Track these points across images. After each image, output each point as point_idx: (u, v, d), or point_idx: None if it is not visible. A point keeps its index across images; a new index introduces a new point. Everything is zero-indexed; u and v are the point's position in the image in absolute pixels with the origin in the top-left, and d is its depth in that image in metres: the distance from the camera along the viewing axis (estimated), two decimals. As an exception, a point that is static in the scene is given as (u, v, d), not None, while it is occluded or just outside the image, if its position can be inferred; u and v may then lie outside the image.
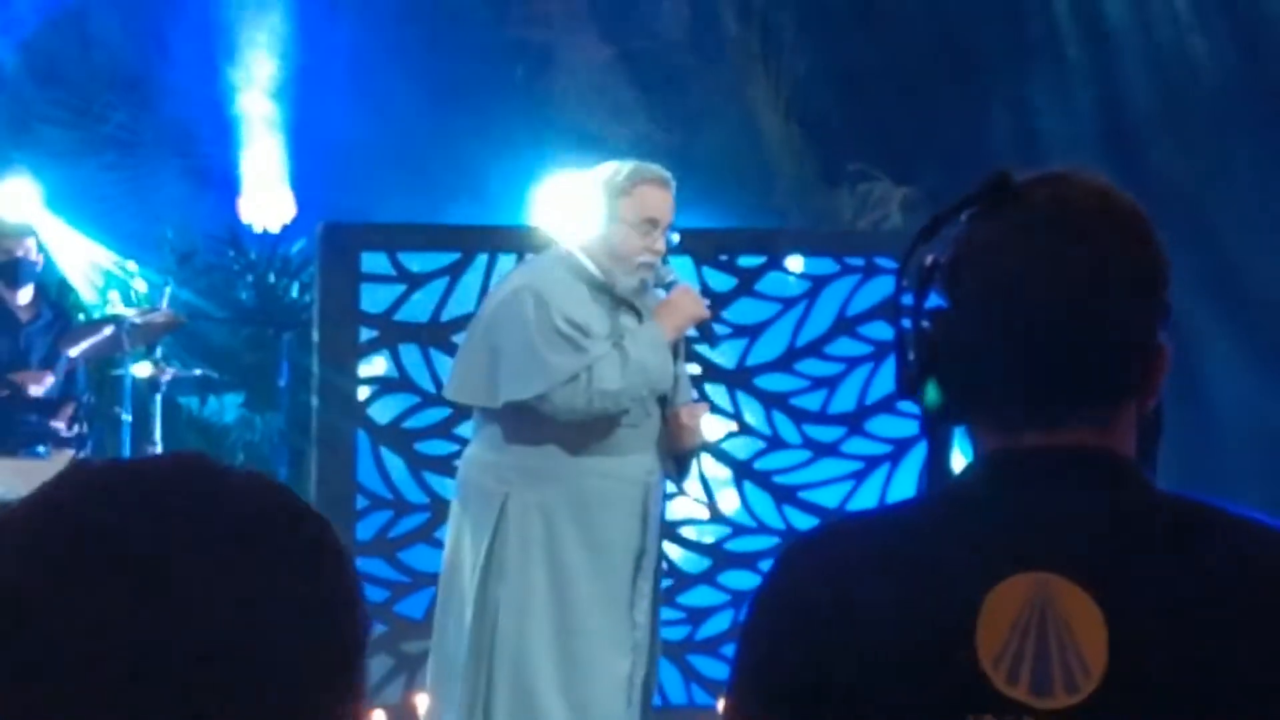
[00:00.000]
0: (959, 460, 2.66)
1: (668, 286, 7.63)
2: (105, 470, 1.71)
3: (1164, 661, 2.45)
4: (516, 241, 9.27)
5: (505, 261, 9.19)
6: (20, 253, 11.27)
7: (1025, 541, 2.52)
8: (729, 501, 10.30)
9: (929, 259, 2.60)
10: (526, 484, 7.63)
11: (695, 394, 8.60)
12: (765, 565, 3.47)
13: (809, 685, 2.58)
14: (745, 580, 9.37)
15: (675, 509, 9.69)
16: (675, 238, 7.76)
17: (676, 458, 7.84)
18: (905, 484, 9.16)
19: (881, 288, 9.27)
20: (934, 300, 2.62)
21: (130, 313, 11.47)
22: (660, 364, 7.57)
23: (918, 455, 8.68)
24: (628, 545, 7.81)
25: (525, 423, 7.54)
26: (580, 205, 7.70)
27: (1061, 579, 2.48)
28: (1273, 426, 11.14)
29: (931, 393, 2.66)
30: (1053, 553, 2.49)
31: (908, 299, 2.62)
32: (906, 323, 2.61)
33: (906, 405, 2.78)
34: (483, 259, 9.61)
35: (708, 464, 10.15)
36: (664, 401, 7.65)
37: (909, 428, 9.21)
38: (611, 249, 7.48)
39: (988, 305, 2.59)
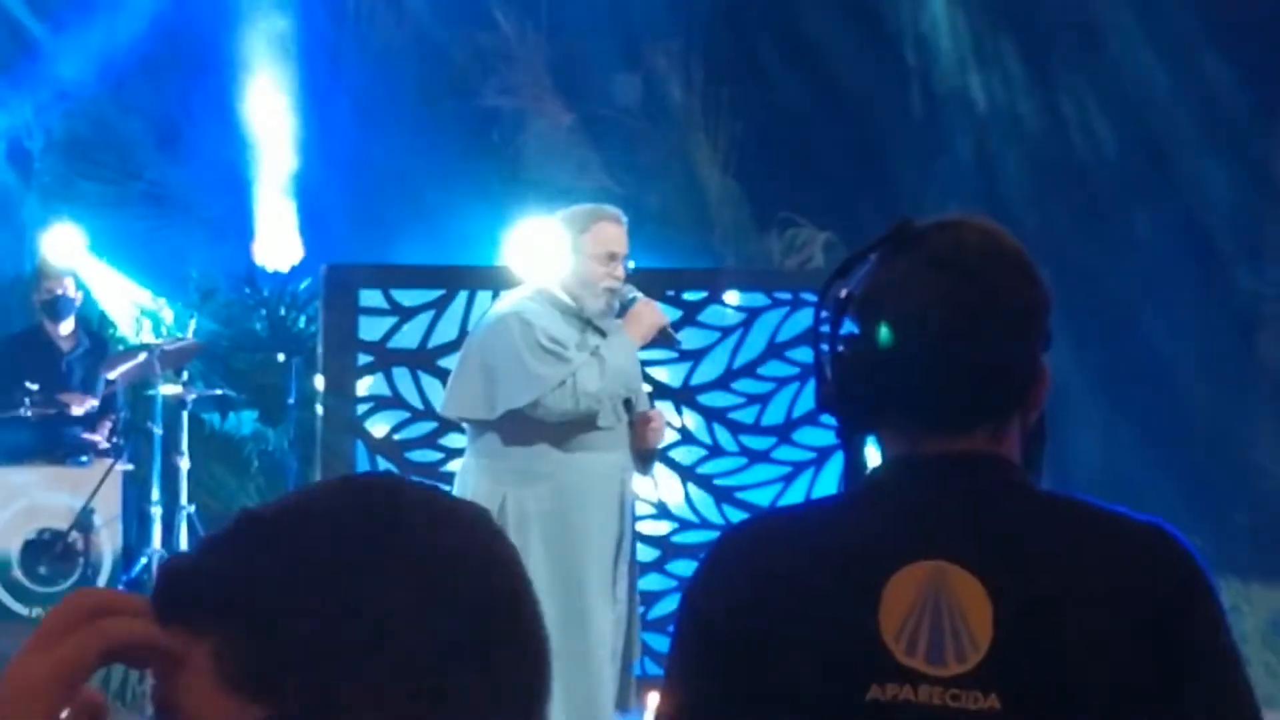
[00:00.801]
0: (875, 461, 2.85)
1: (630, 303, 8.22)
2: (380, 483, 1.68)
3: (1040, 634, 2.68)
4: (492, 280, 9.61)
5: (482, 297, 9.75)
6: (60, 291, 12.17)
7: (923, 534, 2.73)
8: (676, 500, 11.00)
9: (844, 293, 2.79)
10: (521, 483, 8.19)
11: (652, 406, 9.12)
12: (706, 555, 3.79)
13: (736, 650, 2.80)
14: (690, 569, 10.00)
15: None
16: (631, 264, 8.32)
17: (642, 456, 8.47)
18: (828, 486, 9.21)
19: (806, 318, 9.61)
20: (847, 328, 2.79)
21: (160, 342, 12.32)
22: (631, 367, 8.19)
23: (838, 460, 9.05)
24: (607, 530, 8.46)
25: (517, 430, 8.09)
26: (549, 244, 8.25)
27: (954, 566, 2.69)
28: (1118, 475, 11.84)
29: (845, 407, 2.83)
30: (947, 543, 2.70)
31: (826, 328, 2.80)
32: (825, 348, 2.81)
33: (827, 418, 2.86)
34: (463, 295, 10.24)
35: (658, 469, 10.23)
36: (629, 408, 8.27)
37: (830, 437, 9.96)
38: (580, 278, 8.05)
39: (890, 334, 2.81)
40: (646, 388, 9.37)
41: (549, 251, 8.21)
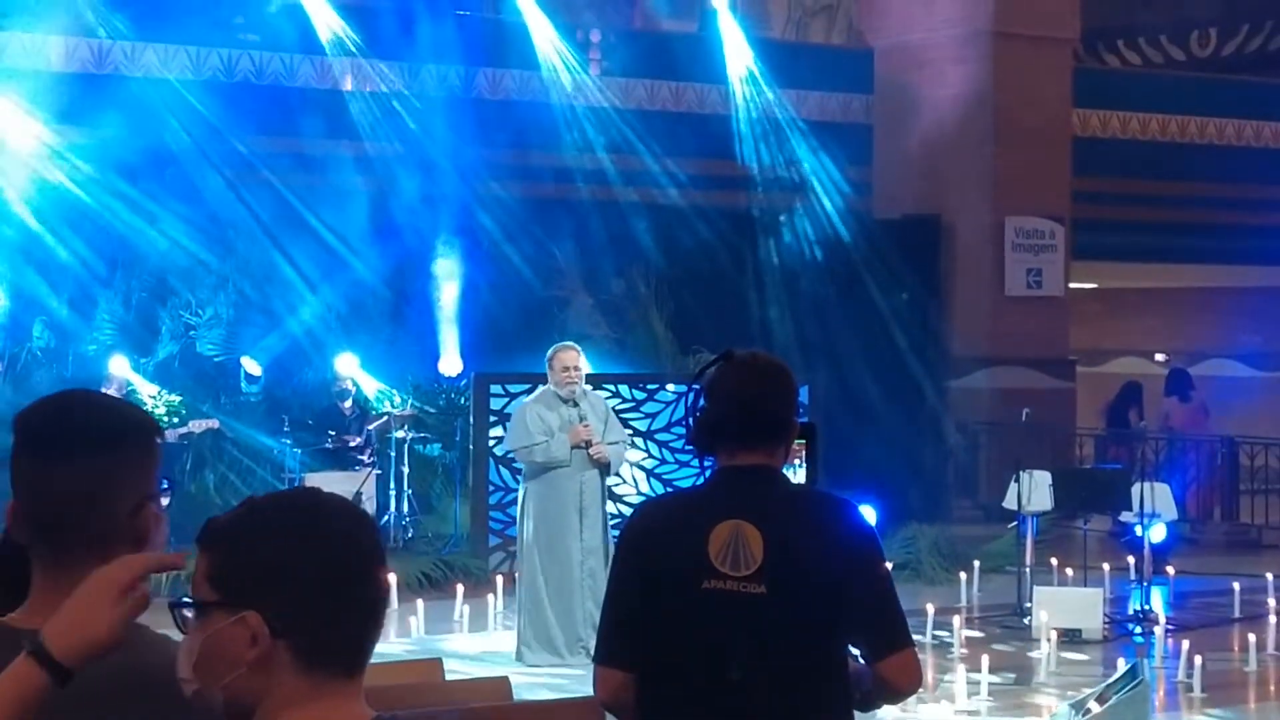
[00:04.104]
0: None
1: (581, 395, 11.87)
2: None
3: (784, 556, 4.03)
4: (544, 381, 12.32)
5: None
6: (345, 386, 17.65)
7: (732, 505, 4.09)
8: (645, 488, 16.24)
9: (702, 383, 4.21)
10: (529, 481, 12.19)
11: (628, 433, 13.51)
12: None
13: (635, 559, 4.22)
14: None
15: (623, 492, 15.75)
16: (588, 369, 11.96)
17: (602, 469, 12.22)
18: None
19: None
20: (701, 401, 4.21)
21: (393, 410, 17.92)
22: (555, 461, 11.78)
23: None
24: (569, 514, 12.05)
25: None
26: (549, 364, 12.00)
27: (745, 521, 4.05)
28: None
29: (699, 441, 4.24)
30: (742, 510, 4.07)
31: (693, 400, 4.23)
32: (694, 411, 4.17)
33: (691, 448, 4.28)
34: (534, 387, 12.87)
35: (637, 472, 16.10)
36: (587, 452, 11.89)
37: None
38: (554, 381, 11.97)
39: (721, 403, 4.17)
40: (628, 431, 13.47)
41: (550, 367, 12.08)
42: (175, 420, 17.21)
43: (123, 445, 2.75)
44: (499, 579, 14.35)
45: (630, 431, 14.84)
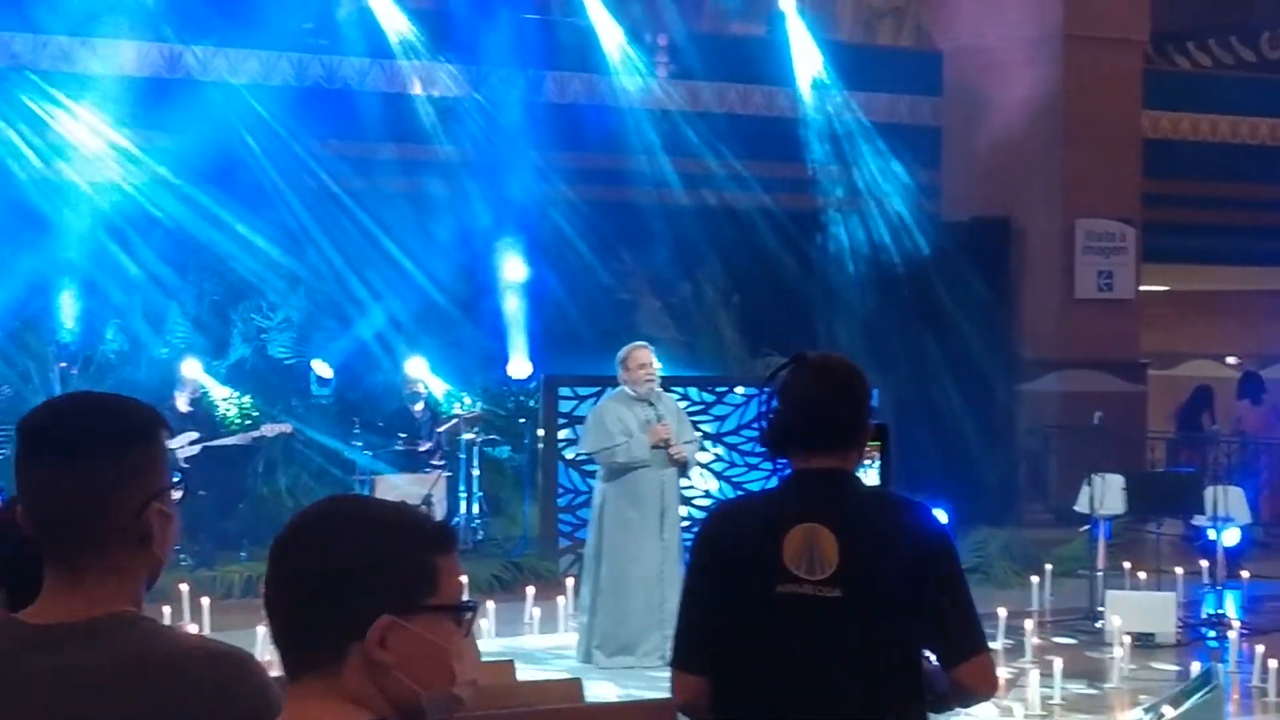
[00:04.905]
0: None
1: (656, 396, 11.88)
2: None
3: (859, 559, 4.03)
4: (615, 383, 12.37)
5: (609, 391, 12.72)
6: (416, 389, 17.60)
7: (804, 509, 4.09)
8: (714, 489, 16.38)
9: (773, 386, 4.22)
10: (607, 482, 12.20)
11: (699, 433, 13.69)
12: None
13: (710, 574, 4.22)
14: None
15: (692, 495, 15.46)
16: (659, 367, 11.88)
17: (679, 469, 12.32)
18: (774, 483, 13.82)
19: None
20: (773, 404, 4.21)
21: (462, 413, 17.94)
22: (636, 460, 11.79)
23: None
24: (651, 514, 12.04)
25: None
26: (622, 364, 12.04)
27: (820, 525, 4.06)
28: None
29: (771, 444, 4.25)
30: (816, 514, 4.07)
31: (766, 404, 4.23)
32: (767, 414, 4.15)
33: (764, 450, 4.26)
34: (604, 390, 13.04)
35: (708, 476, 16.24)
36: (666, 445, 11.95)
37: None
38: (631, 380, 11.96)
39: (793, 406, 4.16)
40: (697, 434, 13.34)
41: (622, 367, 12.16)
42: (247, 423, 17.33)
43: (124, 445, 2.76)
44: (569, 581, 14.31)
45: (700, 434, 14.86)
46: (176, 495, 2.78)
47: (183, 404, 16.45)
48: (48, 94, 18.60)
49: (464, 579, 2.50)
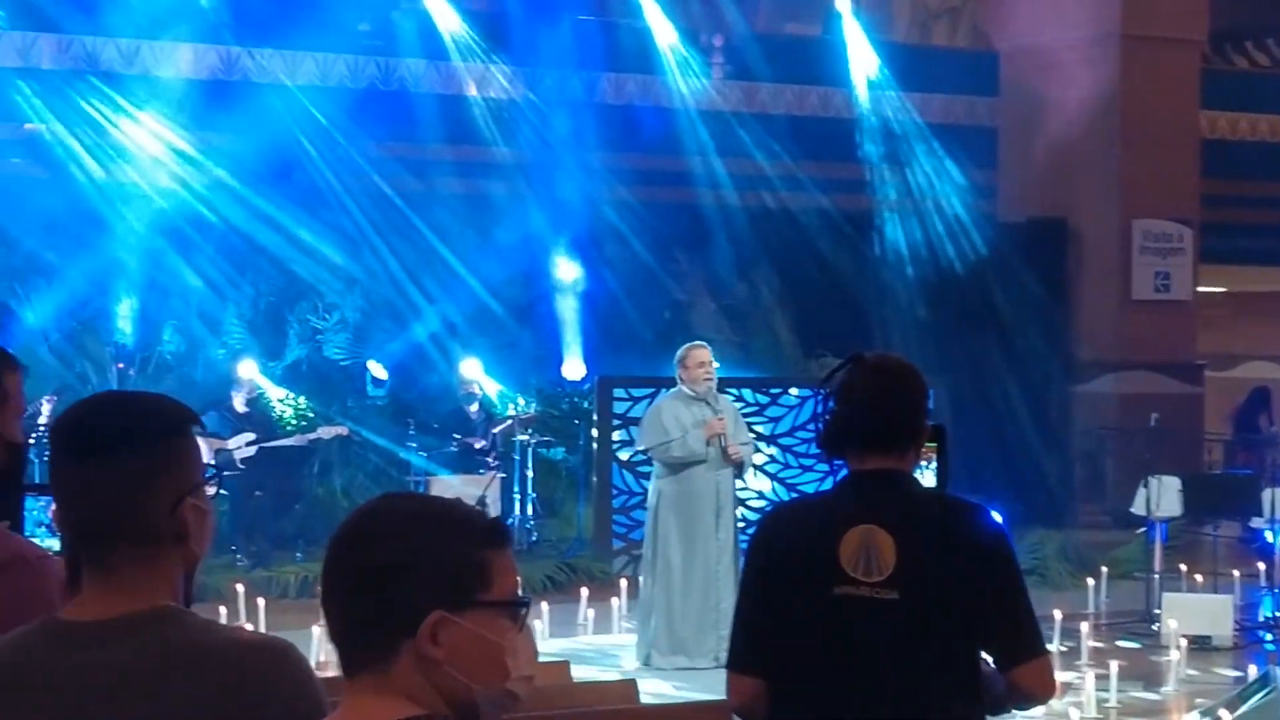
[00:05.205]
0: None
1: (714, 397, 11.88)
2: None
3: (917, 560, 4.03)
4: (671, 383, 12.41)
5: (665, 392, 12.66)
6: (471, 390, 17.65)
7: (861, 510, 4.09)
8: (767, 490, 16.44)
9: (830, 387, 4.19)
10: (663, 483, 12.16)
11: (751, 436, 13.20)
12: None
13: (767, 576, 4.22)
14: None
15: (746, 496, 15.51)
16: (716, 365, 11.89)
17: (736, 468, 12.30)
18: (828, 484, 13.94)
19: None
20: (829, 405, 4.19)
21: (517, 414, 17.93)
22: (692, 454, 11.80)
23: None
24: (707, 514, 12.02)
25: (656, 460, 12.06)
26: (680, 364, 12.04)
27: (876, 526, 4.05)
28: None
29: (827, 445, 4.23)
30: (873, 515, 4.07)
31: (822, 405, 4.18)
32: (823, 415, 4.14)
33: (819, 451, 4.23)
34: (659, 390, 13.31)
35: (761, 478, 16.26)
36: (723, 450, 11.90)
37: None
38: (689, 379, 11.95)
39: (850, 406, 4.14)
40: (751, 435, 13.22)
41: (681, 366, 12.14)
42: (303, 424, 17.42)
43: (156, 441, 2.76)
44: (623, 582, 14.35)
45: (754, 435, 14.82)
46: (211, 491, 2.78)
47: (239, 405, 16.52)
48: (106, 97, 18.71)
49: (518, 576, 2.51)
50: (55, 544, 3.64)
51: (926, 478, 4.50)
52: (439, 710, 2.37)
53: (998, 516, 4.17)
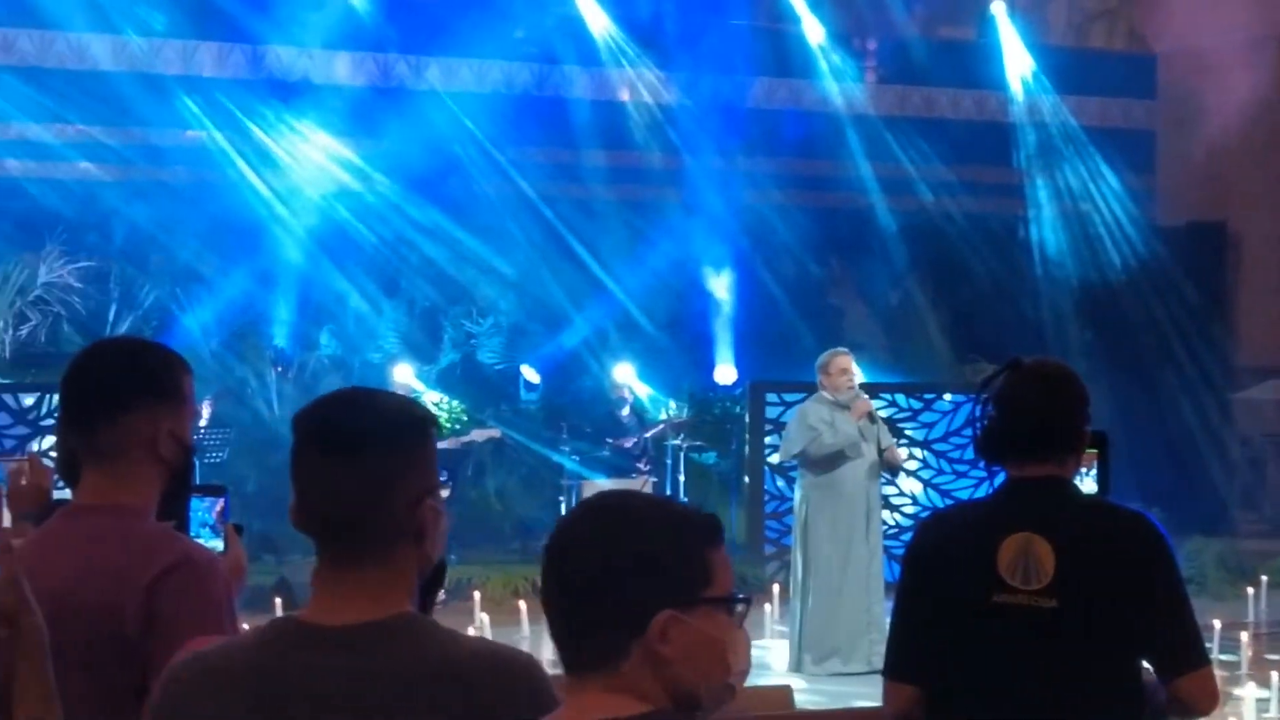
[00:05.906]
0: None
1: (855, 397, 11.83)
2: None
3: (1080, 568, 3.99)
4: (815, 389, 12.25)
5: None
6: (622, 394, 17.54)
7: (1020, 518, 4.06)
8: (919, 494, 16.32)
9: (988, 392, 4.16)
10: (811, 489, 12.14)
11: (903, 441, 14.20)
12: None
13: (925, 583, 4.20)
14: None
15: (899, 502, 15.89)
16: (861, 377, 11.96)
17: (889, 469, 12.45)
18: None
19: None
20: (988, 412, 4.14)
21: (669, 418, 18.03)
22: (847, 438, 11.72)
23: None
24: (858, 519, 11.99)
25: (805, 465, 11.98)
26: (822, 370, 12.05)
27: (1036, 534, 4.02)
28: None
29: (986, 452, 4.19)
30: (1032, 523, 4.04)
31: (979, 410, 4.14)
32: (981, 421, 4.10)
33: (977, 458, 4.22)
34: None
35: (914, 481, 16.17)
36: (879, 447, 11.89)
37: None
38: (832, 386, 11.99)
39: (1009, 413, 4.11)
40: (892, 440, 12.75)
41: (824, 373, 12.15)
42: (457, 428, 17.45)
43: (403, 442, 2.77)
44: (775, 587, 14.26)
45: (906, 440, 15.11)
46: (445, 493, 2.79)
47: (395, 408, 16.53)
48: (266, 104, 18.96)
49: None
50: (219, 544, 3.68)
51: (1087, 485, 4.45)
52: (664, 706, 2.41)
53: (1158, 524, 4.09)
